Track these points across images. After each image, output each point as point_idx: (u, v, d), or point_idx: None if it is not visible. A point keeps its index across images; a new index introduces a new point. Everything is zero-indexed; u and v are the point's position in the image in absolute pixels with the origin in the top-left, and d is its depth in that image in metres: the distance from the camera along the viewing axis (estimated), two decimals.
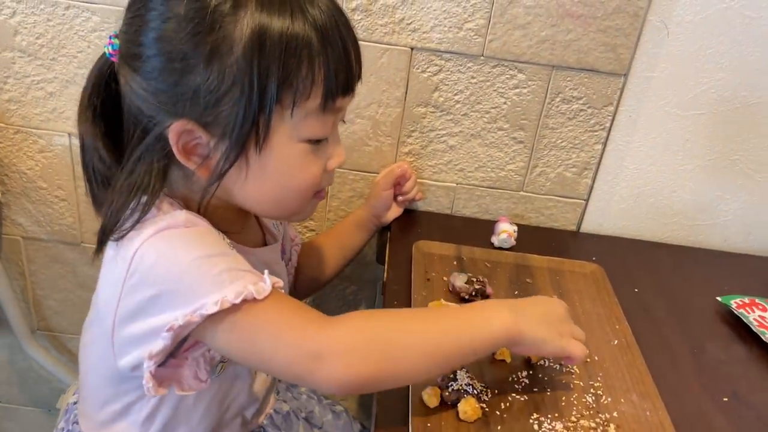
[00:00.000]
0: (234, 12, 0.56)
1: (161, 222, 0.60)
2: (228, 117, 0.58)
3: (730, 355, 0.85)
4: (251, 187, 0.64)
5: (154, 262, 0.58)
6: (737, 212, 1.08)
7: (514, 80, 0.98)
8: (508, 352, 0.77)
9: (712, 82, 0.97)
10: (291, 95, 0.58)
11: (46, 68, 1.00)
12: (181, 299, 0.57)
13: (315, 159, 0.64)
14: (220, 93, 0.57)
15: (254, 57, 0.56)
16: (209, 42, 0.56)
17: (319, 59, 0.58)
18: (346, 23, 0.62)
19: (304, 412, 0.92)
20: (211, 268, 0.57)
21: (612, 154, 1.03)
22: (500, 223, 1.00)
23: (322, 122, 0.62)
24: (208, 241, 0.61)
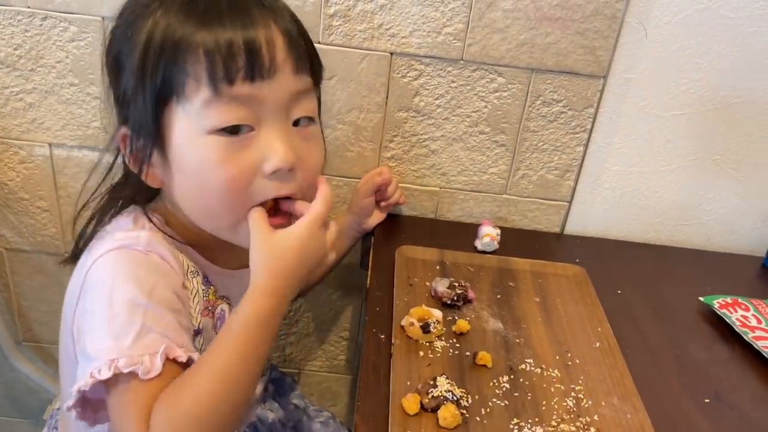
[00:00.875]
0: (141, 19, 0.61)
1: (124, 239, 0.62)
2: (137, 115, 0.61)
3: (713, 356, 0.85)
4: (179, 193, 0.65)
5: (97, 281, 0.60)
6: (720, 211, 1.08)
7: (494, 84, 0.98)
8: (489, 357, 0.77)
9: (691, 82, 0.98)
10: (179, 86, 0.59)
11: (25, 79, 0.99)
12: (94, 329, 0.58)
13: (234, 156, 0.60)
14: (130, 95, 0.61)
15: (144, 55, 0.60)
16: (125, 50, 0.62)
17: (201, 48, 0.59)
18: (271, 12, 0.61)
19: (292, 422, 0.92)
20: (129, 315, 0.57)
21: (594, 155, 1.04)
22: (483, 227, 1.00)
23: (226, 109, 0.59)
24: (151, 280, 0.60)
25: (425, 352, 0.77)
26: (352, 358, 1.25)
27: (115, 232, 0.63)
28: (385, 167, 1.01)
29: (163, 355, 0.57)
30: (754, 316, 0.90)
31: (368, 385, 0.72)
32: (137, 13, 0.62)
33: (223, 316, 0.72)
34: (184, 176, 0.63)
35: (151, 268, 0.61)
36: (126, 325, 0.57)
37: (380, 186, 0.97)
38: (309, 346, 1.24)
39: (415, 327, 0.78)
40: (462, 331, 0.81)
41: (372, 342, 0.78)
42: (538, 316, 0.86)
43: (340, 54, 0.96)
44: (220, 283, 0.71)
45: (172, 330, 0.59)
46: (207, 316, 0.69)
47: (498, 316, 0.85)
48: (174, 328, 0.60)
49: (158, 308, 0.59)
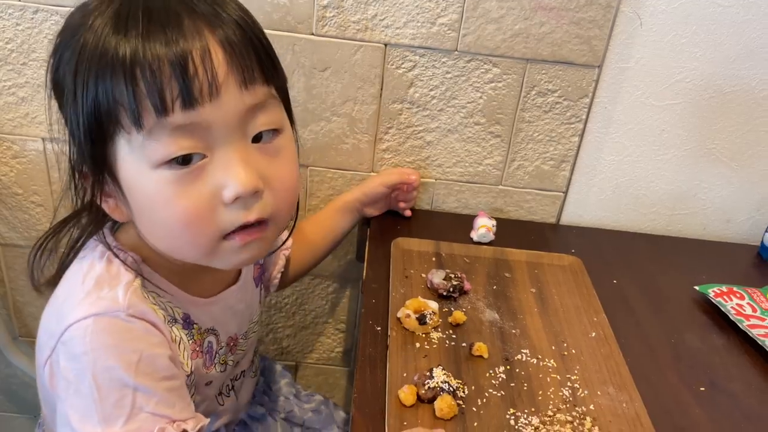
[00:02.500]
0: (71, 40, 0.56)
1: (101, 301, 0.58)
2: (83, 148, 0.57)
3: (708, 345, 0.85)
4: (142, 227, 0.61)
5: (79, 353, 0.57)
6: (715, 200, 1.08)
7: (489, 74, 0.97)
8: (485, 348, 0.77)
9: (686, 71, 0.97)
10: (113, 115, 0.53)
11: (17, 73, 0.98)
12: (79, 407, 0.57)
13: (188, 189, 0.55)
14: (74, 125, 0.56)
15: (74, 88, 0.55)
16: (62, 80, 0.57)
17: (134, 74, 0.52)
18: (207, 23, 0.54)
19: (283, 413, 0.92)
20: (118, 397, 0.56)
21: (589, 145, 1.03)
22: (479, 218, 1.00)
23: (169, 141, 0.53)
24: (136, 356, 0.57)
25: (421, 344, 0.77)
26: (348, 350, 1.25)
27: (90, 284, 0.59)
28: (419, 174, 1.01)
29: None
30: (749, 304, 0.90)
31: (365, 377, 0.72)
32: (75, 23, 0.57)
33: (211, 349, 0.71)
34: (141, 212, 0.58)
35: (134, 339, 0.58)
36: (115, 408, 0.56)
37: (405, 186, 0.98)
38: (306, 338, 1.24)
39: (411, 318, 0.78)
40: (458, 322, 0.81)
41: (368, 334, 0.78)
42: (534, 306, 0.86)
43: (334, 45, 0.95)
44: (204, 316, 0.69)
45: (163, 405, 0.58)
46: (197, 358, 0.68)
47: (494, 306, 0.85)
48: (165, 403, 0.58)
49: (146, 385, 0.57)
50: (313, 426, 0.93)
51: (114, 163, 0.57)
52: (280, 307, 1.20)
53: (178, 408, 0.60)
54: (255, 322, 0.81)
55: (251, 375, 0.85)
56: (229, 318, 0.74)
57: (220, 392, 0.76)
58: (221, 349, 0.73)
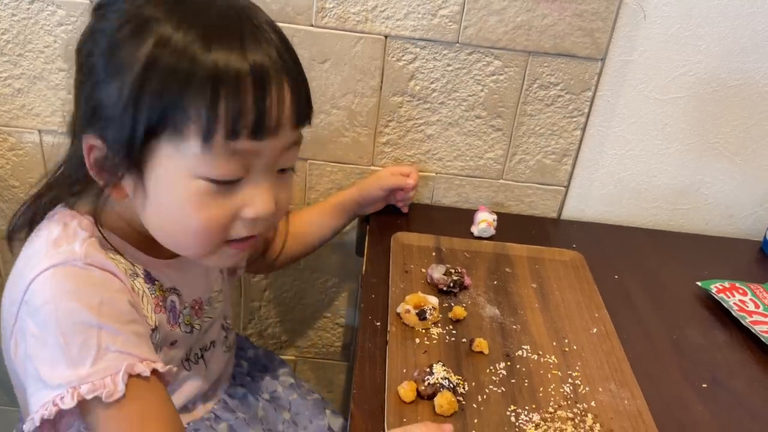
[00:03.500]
0: (140, 33, 0.56)
1: (59, 254, 0.59)
2: (119, 135, 0.57)
3: (710, 341, 0.85)
4: (149, 216, 0.62)
5: (40, 305, 0.57)
6: (717, 195, 1.07)
7: (491, 67, 0.96)
8: (485, 344, 0.76)
9: (690, 65, 0.96)
10: (173, 125, 0.56)
11: (13, 64, 0.97)
12: (46, 357, 0.56)
13: (218, 202, 0.59)
14: (116, 111, 0.57)
15: (141, 81, 0.55)
16: (114, 59, 0.57)
17: (209, 94, 0.54)
18: (280, 62, 0.57)
19: (267, 393, 0.90)
20: (83, 339, 0.56)
21: (591, 139, 1.02)
22: (479, 213, 0.99)
23: (220, 161, 0.57)
24: (97, 297, 0.58)
25: (421, 339, 0.77)
26: (347, 345, 1.25)
27: (47, 245, 0.60)
28: (416, 172, 0.99)
29: (125, 375, 0.56)
30: (752, 300, 0.90)
31: (364, 373, 0.72)
32: (134, 20, 0.57)
33: (174, 308, 0.70)
34: (159, 209, 0.61)
35: (94, 284, 0.59)
36: (81, 350, 0.56)
37: (403, 189, 0.98)
38: (304, 332, 1.23)
39: (411, 314, 0.78)
40: (458, 317, 0.80)
41: (368, 329, 0.78)
42: (535, 302, 0.86)
43: (334, 37, 0.94)
44: (164, 276, 0.69)
45: (130, 345, 0.58)
46: (160, 312, 0.68)
47: (494, 302, 0.85)
48: (132, 343, 0.58)
49: (110, 325, 0.57)
50: (301, 412, 0.91)
51: (150, 158, 0.58)
52: (279, 302, 1.19)
53: (144, 349, 0.60)
54: (218, 291, 0.80)
55: (223, 349, 0.83)
56: (190, 281, 0.73)
57: (188, 358, 0.76)
58: (185, 309, 0.72)
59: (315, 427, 0.89)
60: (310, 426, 0.89)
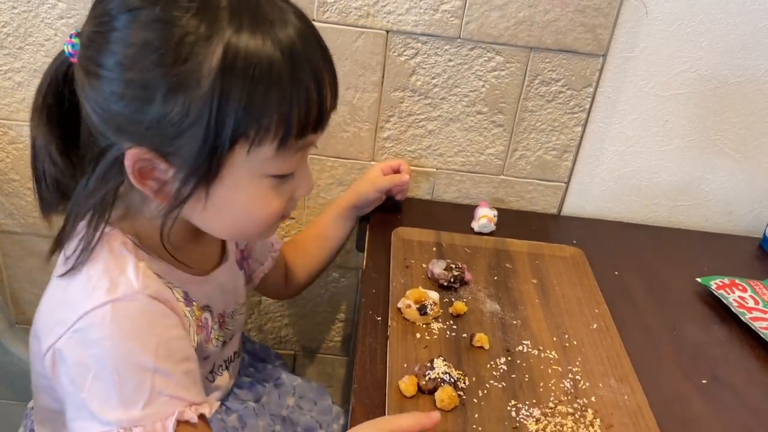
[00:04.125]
0: (204, 44, 0.53)
1: (117, 287, 0.58)
2: (187, 150, 0.55)
3: (710, 337, 0.85)
4: (210, 217, 0.61)
5: (97, 339, 0.57)
6: (718, 192, 1.07)
7: (492, 63, 0.96)
8: (486, 339, 0.76)
9: (691, 61, 0.96)
10: (253, 133, 0.55)
11: (13, 57, 0.97)
12: (98, 392, 0.56)
13: (279, 192, 0.62)
14: (183, 126, 0.54)
15: (216, 94, 0.53)
16: (174, 74, 0.53)
17: (286, 97, 0.55)
18: (323, 54, 0.58)
19: (272, 380, 0.91)
20: (138, 381, 0.57)
21: (592, 136, 1.02)
22: (480, 209, 0.99)
23: (288, 158, 0.59)
24: (154, 338, 0.58)
25: (422, 334, 0.77)
26: (347, 339, 1.25)
27: (102, 273, 0.58)
28: (405, 163, 0.99)
29: (175, 422, 0.57)
30: (751, 297, 0.90)
31: (365, 367, 0.72)
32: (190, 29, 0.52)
33: (207, 324, 0.71)
34: (221, 209, 0.60)
35: (152, 322, 0.59)
36: (135, 392, 0.56)
37: (399, 186, 0.97)
38: (304, 327, 1.23)
39: (411, 309, 0.78)
40: (459, 312, 0.80)
41: (368, 324, 0.78)
42: (535, 297, 0.86)
43: (335, 32, 0.94)
44: (199, 293, 0.69)
45: (181, 388, 0.59)
46: (200, 332, 0.68)
47: (495, 297, 0.85)
48: (182, 385, 0.59)
49: (165, 368, 0.58)
50: (306, 395, 0.92)
51: (221, 166, 0.56)
52: None
53: (193, 391, 0.60)
54: (241, 303, 0.81)
55: (238, 356, 0.85)
56: (219, 295, 0.74)
57: (212, 371, 0.77)
58: (215, 324, 0.73)
59: (320, 408, 0.90)
60: (315, 408, 0.90)
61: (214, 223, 0.63)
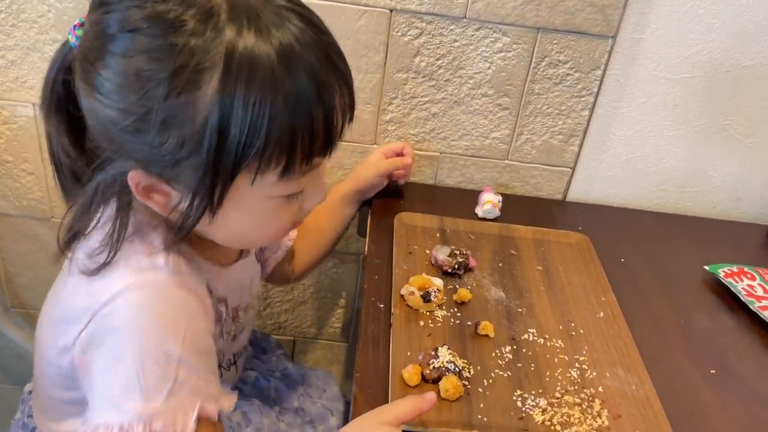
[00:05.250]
0: (200, 78, 0.50)
1: (145, 272, 0.56)
2: (188, 179, 0.53)
3: (718, 326, 0.83)
4: (215, 229, 0.60)
5: (123, 325, 0.55)
6: (726, 178, 1.05)
7: (499, 44, 0.94)
8: (491, 327, 0.75)
9: (703, 43, 0.94)
10: (256, 164, 0.52)
11: (6, 35, 0.94)
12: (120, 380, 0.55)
13: (288, 207, 0.60)
14: (180, 157, 0.52)
15: (214, 129, 0.50)
16: (168, 107, 0.50)
17: (288, 127, 0.52)
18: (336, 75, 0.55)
19: (278, 371, 0.90)
20: (162, 371, 0.54)
21: (599, 120, 1.00)
22: (484, 194, 0.97)
23: (295, 181, 0.57)
24: (182, 326, 0.56)
25: (426, 322, 0.75)
26: (348, 325, 1.24)
27: (131, 256, 0.57)
28: (408, 146, 0.97)
29: (197, 417, 0.55)
30: (760, 285, 0.88)
31: (367, 355, 0.70)
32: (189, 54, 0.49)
33: (221, 318, 0.69)
34: (227, 225, 0.59)
35: (180, 310, 0.57)
36: (158, 382, 0.54)
37: (402, 170, 0.95)
38: (304, 313, 1.22)
39: (415, 296, 0.76)
40: (463, 300, 0.79)
41: (371, 311, 0.76)
42: (541, 284, 0.84)
43: (337, 10, 0.91)
44: (219, 285, 0.68)
45: (203, 381, 0.57)
46: (216, 325, 0.67)
47: (500, 284, 0.83)
48: (205, 379, 0.57)
49: (191, 358, 0.56)
50: (314, 383, 0.90)
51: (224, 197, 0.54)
52: None
53: (213, 384, 0.59)
54: (255, 296, 0.79)
55: (245, 351, 0.83)
56: (237, 289, 0.73)
57: (220, 365, 0.75)
58: (228, 318, 0.72)
59: (329, 395, 0.89)
60: (324, 395, 0.89)
61: (220, 236, 0.61)
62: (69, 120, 0.58)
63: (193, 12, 0.50)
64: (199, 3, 0.50)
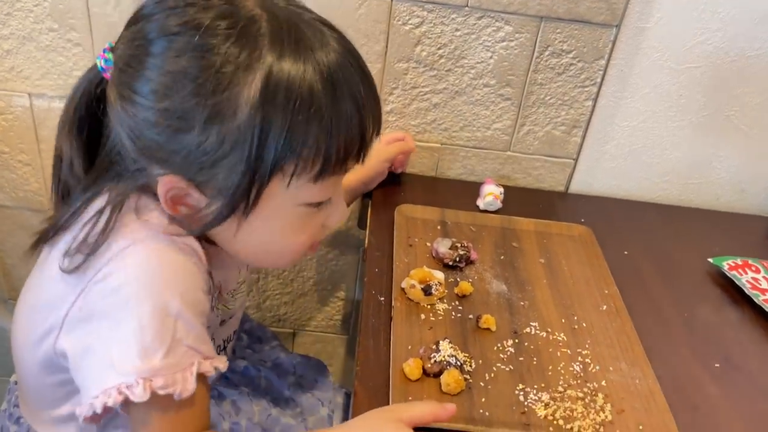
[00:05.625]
0: (243, 73, 0.52)
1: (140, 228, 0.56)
2: (224, 180, 0.54)
3: (722, 319, 0.83)
4: (239, 244, 0.60)
5: (121, 283, 0.54)
6: (731, 170, 1.04)
7: (501, 33, 0.92)
8: (492, 320, 0.74)
9: (708, 33, 0.92)
10: (293, 165, 0.54)
11: (1, 24, 0.93)
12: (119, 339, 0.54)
13: (312, 220, 0.60)
14: (218, 156, 0.53)
15: (257, 125, 0.52)
16: (211, 104, 0.52)
17: (328, 128, 0.54)
18: (365, 81, 0.57)
19: (270, 361, 0.89)
20: (160, 327, 0.54)
21: (602, 110, 0.99)
22: (486, 185, 0.96)
23: (325, 187, 0.58)
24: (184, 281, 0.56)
25: (427, 315, 0.74)
26: (348, 318, 1.23)
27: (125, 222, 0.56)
28: (410, 136, 0.97)
29: (196, 374, 0.54)
30: (764, 278, 0.87)
31: (367, 349, 0.69)
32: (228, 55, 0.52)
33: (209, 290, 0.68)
34: (251, 235, 0.59)
35: (179, 264, 0.56)
36: (156, 339, 0.53)
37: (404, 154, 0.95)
38: (304, 305, 1.21)
39: (416, 289, 0.75)
40: (464, 293, 0.78)
41: (371, 304, 0.75)
42: (543, 277, 0.83)
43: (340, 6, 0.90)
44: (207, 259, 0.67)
45: (200, 341, 0.56)
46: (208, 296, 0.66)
47: (501, 277, 0.82)
48: (201, 338, 0.56)
49: (189, 316, 0.55)
50: (306, 373, 0.89)
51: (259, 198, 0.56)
52: (277, 274, 1.16)
53: (209, 346, 0.58)
54: (241, 282, 0.78)
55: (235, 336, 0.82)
56: (221, 268, 0.71)
57: None
58: (215, 293, 0.70)
59: (321, 385, 0.88)
60: (316, 385, 0.88)
61: (240, 250, 0.62)
62: (88, 143, 0.60)
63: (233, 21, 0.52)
64: (240, 13, 0.53)
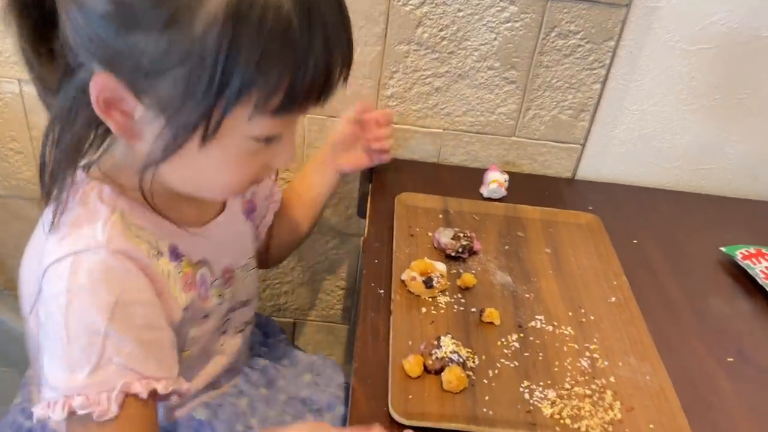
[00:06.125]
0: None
1: (79, 239, 0.54)
2: (168, 95, 0.50)
3: (735, 310, 0.80)
4: (177, 174, 0.57)
5: (53, 295, 0.53)
6: (743, 155, 1.01)
7: (506, 13, 0.89)
8: (496, 314, 0.71)
9: (721, 12, 0.89)
10: (257, 94, 0.50)
11: None
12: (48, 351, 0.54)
13: (257, 157, 0.57)
14: (164, 65, 0.48)
15: (222, 41, 0.47)
16: (170, 6, 0.47)
17: (298, 59, 0.49)
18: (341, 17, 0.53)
19: (286, 358, 0.87)
20: (87, 342, 0.53)
21: (611, 93, 0.95)
22: (490, 172, 0.93)
23: (279, 122, 0.54)
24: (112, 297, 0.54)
25: (428, 309, 0.72)
26: (349, 307, 1.21)
27: (68, 226, 0.55)
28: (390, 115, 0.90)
29: (121, 394, 0.53)
30: None
31: (366, 345, 0.67)
32: None
33: (204, 282, 0.66)
34: (194, 165, 0.55)
35: (113, 280, 0.54)
36: (82, 354, 0.52)
37: (367, 116, 0.87)
38: (304, 295, 1.19)
39: (416, 281, 0.72)
40: (467, 285, 0.75)
41: (370, 297, 0.73)
42: (549, 268, 0.80)
43: None
44: (192, 248, 0.64)
45: (134, 359, 0.54)
46: (191, 291, 0.64)
47: (506, 268, 0.79)
48: (136, 357, 0.54)
49: (120, 333, 0.53)
50: (323, 372, 0.87)
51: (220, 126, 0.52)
52: None
53: (151, 365, 0.56)
54: (252, 257, 0.76)
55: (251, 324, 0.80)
56: (221, 249, 0.69)
57: (225, 331, 0.73)
58: (216, 281, 0.69)
59: (338, 384, 0.86)
60: (332, 383, 0.86)
61: (177, 177, 0.58)
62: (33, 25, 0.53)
63: None
64: None
